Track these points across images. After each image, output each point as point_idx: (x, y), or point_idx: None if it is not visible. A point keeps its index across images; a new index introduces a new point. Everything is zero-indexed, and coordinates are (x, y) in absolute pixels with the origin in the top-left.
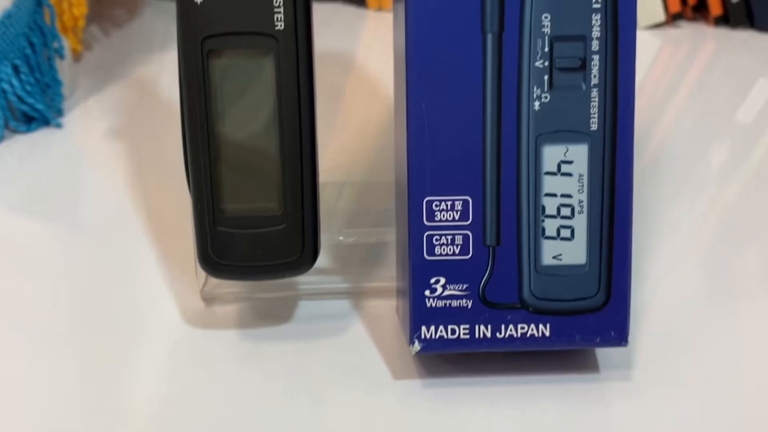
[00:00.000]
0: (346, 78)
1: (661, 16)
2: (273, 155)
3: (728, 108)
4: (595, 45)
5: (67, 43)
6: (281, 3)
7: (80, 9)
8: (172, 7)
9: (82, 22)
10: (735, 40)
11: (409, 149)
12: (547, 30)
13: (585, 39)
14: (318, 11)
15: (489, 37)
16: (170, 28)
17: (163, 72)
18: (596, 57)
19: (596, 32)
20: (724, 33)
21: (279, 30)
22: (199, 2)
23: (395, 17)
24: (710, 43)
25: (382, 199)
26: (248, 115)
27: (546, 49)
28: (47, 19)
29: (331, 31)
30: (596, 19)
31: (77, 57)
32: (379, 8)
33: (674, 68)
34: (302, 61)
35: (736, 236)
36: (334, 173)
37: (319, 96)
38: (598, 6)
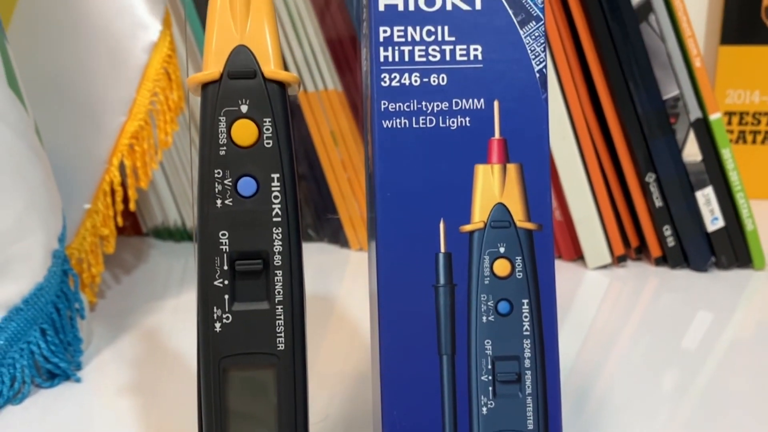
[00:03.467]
0: (327, 320)
1: (607, 258)
2: None
3: (674, 338)
4: (527, 363)
5: (84, 298)
6: (282, 330)
7: (98, 268)
8: (173, 247)
9: (98, 279)
10: (674, 278)
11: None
12: (489, 352)
13: (519, 359)
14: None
15: (444, 358)
16: (172, 267)
17: (166, 319)
18: (529, 372)
19: (527, 353)
20: (665, 272)
21: (280, 350)
22: (218, 330)
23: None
24: (653, 281)
25: None
26: (255, 414)
27: (489, 367)
28: (71, 284)
29: (314, 271)
30: (527, 343)
31: (92, 307)
32: (360, 249)
33: (622, 304)
34: (298, 372)
35: None
36: (312, 429)
37: None
38: (527, 333)
